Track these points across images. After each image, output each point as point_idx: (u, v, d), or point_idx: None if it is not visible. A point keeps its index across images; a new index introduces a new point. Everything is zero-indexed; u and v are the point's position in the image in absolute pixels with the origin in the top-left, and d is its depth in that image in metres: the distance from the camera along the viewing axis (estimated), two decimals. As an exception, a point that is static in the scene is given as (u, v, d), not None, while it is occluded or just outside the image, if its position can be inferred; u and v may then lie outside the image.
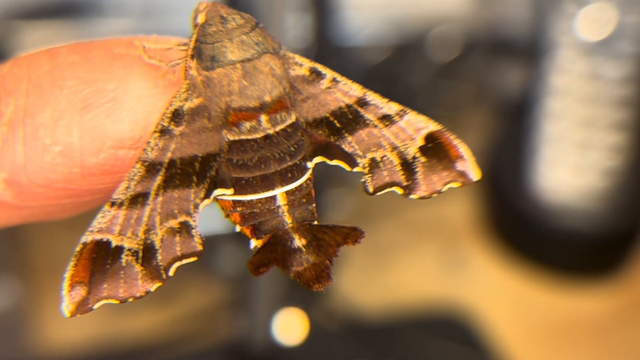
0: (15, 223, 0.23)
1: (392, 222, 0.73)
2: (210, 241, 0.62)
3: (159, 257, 0.22)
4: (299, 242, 0.22)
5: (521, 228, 0.71)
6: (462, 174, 0.23)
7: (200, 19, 0.22)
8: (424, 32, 0.79)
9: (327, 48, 0.67)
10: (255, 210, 0.22)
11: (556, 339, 0.65)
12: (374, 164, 0.23)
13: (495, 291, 0.69)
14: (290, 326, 0.61)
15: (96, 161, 0.21)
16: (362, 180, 0.23)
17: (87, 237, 0.21)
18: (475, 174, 0.23)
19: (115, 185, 0.22)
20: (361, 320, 0.64)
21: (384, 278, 0.69)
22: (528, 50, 0.77)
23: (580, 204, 0.69)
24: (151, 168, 0.22)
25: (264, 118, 0.22)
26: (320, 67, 0.23)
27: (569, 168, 0.68)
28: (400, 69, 0.78)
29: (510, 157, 0.73)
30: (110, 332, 0.62)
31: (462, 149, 0.23)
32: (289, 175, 0.22)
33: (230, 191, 0.22)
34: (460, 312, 0.65)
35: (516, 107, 0.78)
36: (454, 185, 0.23)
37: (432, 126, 0.24)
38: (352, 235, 0.22)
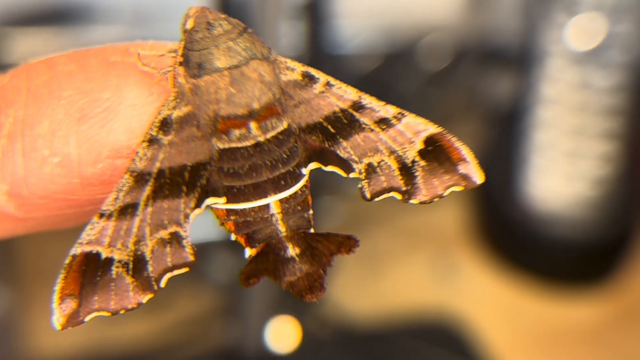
0: (20, 233, 0.23)
1: (384, 230, 0.73)
2: (202, 249, 0.62)
3: (150, 268, 0.21)
4: (292, 251, 0.22)
5: (512, 236, 0.72)
6: (465, 177, 0.23)
7: (189, 24, 0.22)
8: (415, 40, 0.79)
9: (320, 56, 0.67)
10: (248, 218, 0.22)
11: (547, 347, 0.66)
12: (370, 170, 0.23)
13: (486, 299, 0.69)
14: (282, 334, 0.61)
15: (94, 171, 0.21)
16: (359, 186, 0.23)
17: (76, 249, 0.21)
18: (478, 177, 0.23)
19: None
20: (353, 328, 0.64)
21: (376, 286, 0.69)
22: (518, 59, 0.77)
23: (570, 212, 0.69)
24: (140, 178, 0.21)
25: (253, 125, 0.21)
26: (313, 71, 0.23)
27: (559, 176, 0.68)
28: (391, 77, 0.79)
29: (501, 166, 0.74)
30: (101, 340, 0.62)
31: (465, 151, 0.23)
32: (282, 182, 0.22)
33: (223, 200, 0.22)
34: (452, 319, 0.65)
35: (506, 115, 0.78)
36: (457, 188, 0.23)
37: (432, 129, 0.23)
38: (347, 244, 0.22)
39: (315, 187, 0.23)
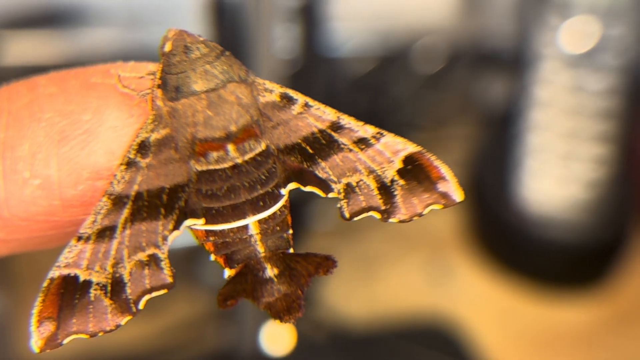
0: (3, 255, 0.23)
1: (378, 233, 0.73)
2: (197, 252, 0.62)
3: (128, 291, 0.21)
4: (270, 271, 0.22)
5: (506, 239, 0.72)
6: (444, 195, 0.23)
7: (167, 47, 0.22)
8: (409, 43, 0.79)
9: (314, 59, 0.67)
10: (227, 239, 0.22)
11: (541, 350, 0.66)
12: (349, 189, 0.23)
13: (480, 302, 0.69)
14: (277, 337, 0.61)
15: (75, 193, 0.21)
16: (338, 205, 0.23)
17: (54, 273, 0.21)
18: (458, 195, 0.23)
19: None
20: (348, 331, 0.64)
21: (370, 289, 0.69)
22: (512, 62, 0.77)
23: (564, 215, 0.69)
24: (118, 201, 0.22)
25: (231, 147, 0.22)
26: (291, 93, 0.23)
27: (553, 179, 0.69)
28: (385, 80, 0.79)
29: (495, 169, 0.74)
30: (95, 344, 0.62)
31: (444, 169, 0.23)
32: (261, 203, 0.22)
33: (201, 221, 0.22)
34: (446, 322, 0.65)
35: (500, 118, 0.78)
36: (436, 207, 0.23)
37: (410, 148, 0.23)
38: (325, 264, 0.22)
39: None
